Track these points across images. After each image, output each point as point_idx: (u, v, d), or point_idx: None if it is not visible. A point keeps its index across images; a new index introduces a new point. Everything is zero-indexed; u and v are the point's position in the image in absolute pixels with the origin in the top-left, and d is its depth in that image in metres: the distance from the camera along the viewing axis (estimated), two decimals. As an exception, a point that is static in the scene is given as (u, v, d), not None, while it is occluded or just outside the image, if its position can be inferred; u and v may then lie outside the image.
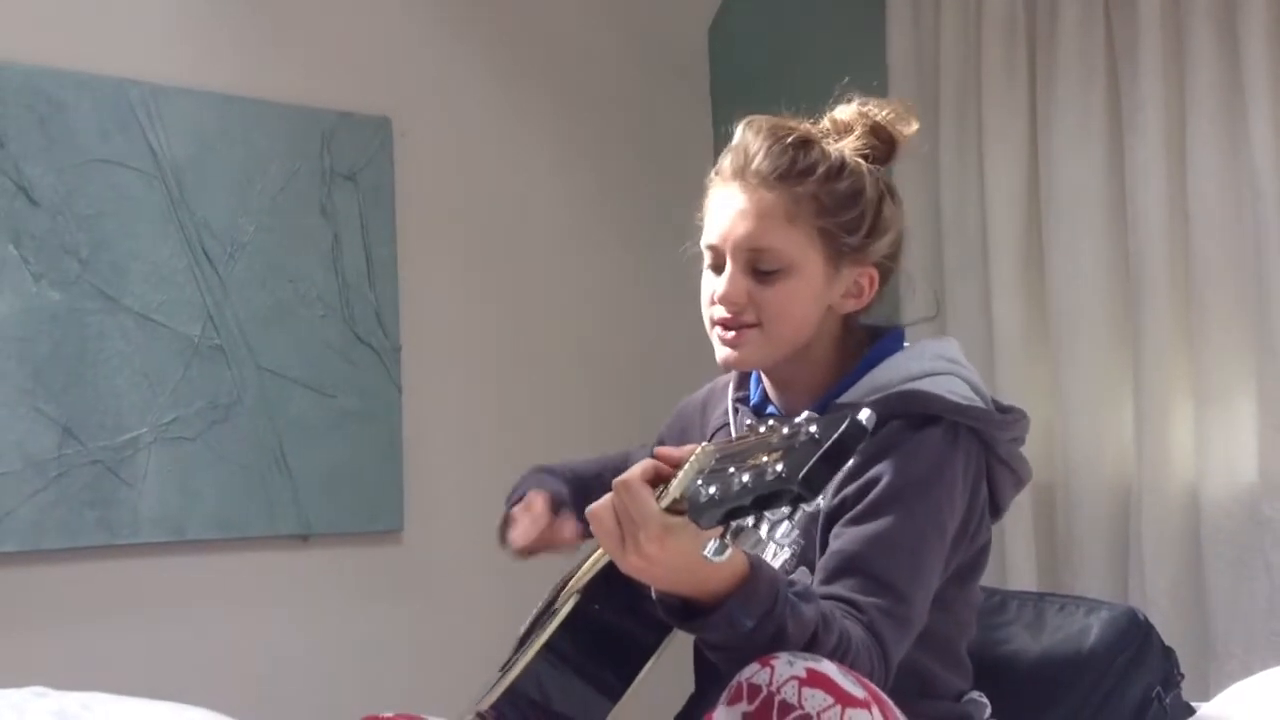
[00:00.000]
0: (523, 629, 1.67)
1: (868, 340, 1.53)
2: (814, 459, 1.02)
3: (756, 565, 1.22)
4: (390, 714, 1.48)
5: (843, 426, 1.03)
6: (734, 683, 1.20)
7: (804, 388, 1.49)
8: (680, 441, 1.64)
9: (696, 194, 1.53)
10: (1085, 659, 1.70)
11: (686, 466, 1.16)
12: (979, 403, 1.46)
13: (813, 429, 1.05)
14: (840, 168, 1.45)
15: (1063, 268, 2.73)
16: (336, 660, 2.70)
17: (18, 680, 1.85)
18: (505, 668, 1.58)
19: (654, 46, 3.26)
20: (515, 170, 3.01)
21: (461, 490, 2.84)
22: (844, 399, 1.46)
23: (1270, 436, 2.50)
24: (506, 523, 1.65)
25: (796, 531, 1.05)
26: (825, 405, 1.46)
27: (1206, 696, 1.87)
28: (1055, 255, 2.74)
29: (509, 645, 1.69)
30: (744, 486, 1.05)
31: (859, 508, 1.38)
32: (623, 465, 1.74)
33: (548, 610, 1.61)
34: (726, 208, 1.46)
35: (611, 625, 1.40)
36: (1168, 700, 1.70)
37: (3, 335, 2.35)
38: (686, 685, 1.53)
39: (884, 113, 1.49)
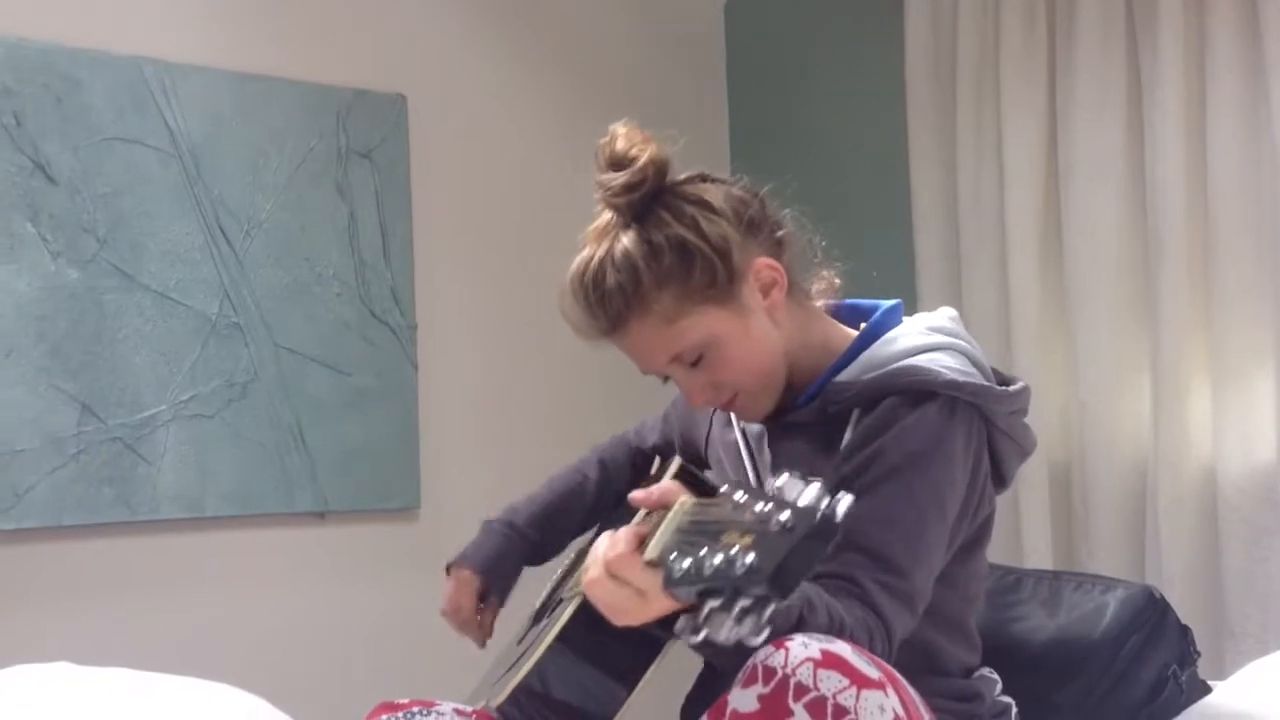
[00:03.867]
0: (537, 602, 1.68)
1: (861, 313, 1.52)
2: (784, 556, 0.97)
3: None
4: (405, 700, 1.48)
5: (815, 521, 0.98)
6: (749, 664, 1.20)
7: (804, 375, 1.49)
8: (686, 418, 1.67)
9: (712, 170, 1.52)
10: (1101, 637, 1.69)
11: (666, 520, 1.12)
12: (977, 376, 1.44)
13: (783, 517, 0.99)
14: (651, 253, 1.39)
15: (1080, 244, 2.72)
16: (352, 637, 2.72)
17: (37, 655, 1.86)
18: (521, 644, 1.58)
19: (669, 24, 3.24)
20: (529, 147, 3.01)
21: (477, 467, 2.85)
22: (841, 378, 1.45)
23: (1288, 415, 2.49)
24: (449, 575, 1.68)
25: (769, 629, 1.02)
26: (824, 385, 1.46)
27: (1223, 675, 1.87)
28: (1073, 231, 2.73)
29: (521, 623, 1.70)
30: (715, 570, 1.00)
31: (856, 485, 1.36)
32: (615, 456, 1.75)
33: (557, 594, 1.61)
34: (626, 354, 1.46)
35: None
36: (1184, 678, 1.70)
37: (21, 313, 2.36)
38: (694, 664, 1.53)
39: (622, 156, 1.41)
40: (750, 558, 0.98)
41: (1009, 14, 2.79)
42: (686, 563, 1.02)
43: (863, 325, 1.51)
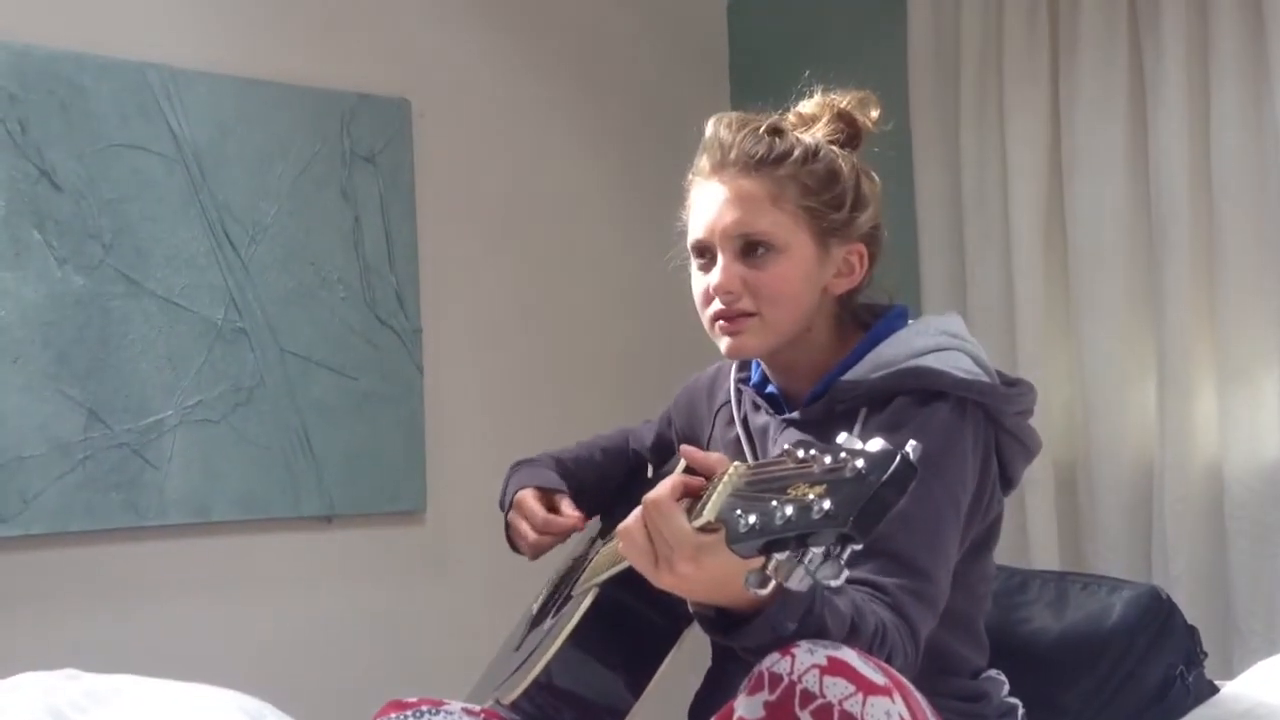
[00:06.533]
0: (535, 607, 1.68)
1: (868, 319, 1.53)
2: (866, 500, 1.00)
3: None
4: (413, 698, 1.49)
5: (894, 466, 1.01)
6: (755, 671, 1.20)
7: (805, 371, 1.50)
8: (687, 419, 1.66)
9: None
10: (1107, 638, 1.70)
11: (720, 485, 1.13)
12: (984, 377, 1.45)
13: (859, 464, 1.02)
14: (815, 151, 1.48)
15: (1085, 242, 2.71)
16: (360, 640, 2.72)
17: (45, 662, 1.86)
18: (520, 650, 1.59)
19: (672, 26, 3.24)
20: (533, 150, 3.01)
21: (482, 470, 2.83)
22: (848, 377, 1.46)
23: (1294, 413, 2.49)
24: (511, 530, 1.68)
25: (847, 572, 1.03)
26: (829, 384, 1.47)
27: (1230, 675, 1.86)
28: (1077, 229, 2.73)
29: (517, 625, 1.70)
30: (787, 520, 1.02)
31: None
32: (618, 444, 1.76)
33: (559, 595, 1.61)
34: (711, 201, 1.48)
35: (634, 617, 1.41)
36: (1190, 679, 1.70)
37: (28, 320, 2.36)
38: (704, 660, 1.54)
39: (846, 101, 1.54)
40: (827, 504, 1.01)
41: (1011, 12, 2.79)
42: (752, 518, 1.04)
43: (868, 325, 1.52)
